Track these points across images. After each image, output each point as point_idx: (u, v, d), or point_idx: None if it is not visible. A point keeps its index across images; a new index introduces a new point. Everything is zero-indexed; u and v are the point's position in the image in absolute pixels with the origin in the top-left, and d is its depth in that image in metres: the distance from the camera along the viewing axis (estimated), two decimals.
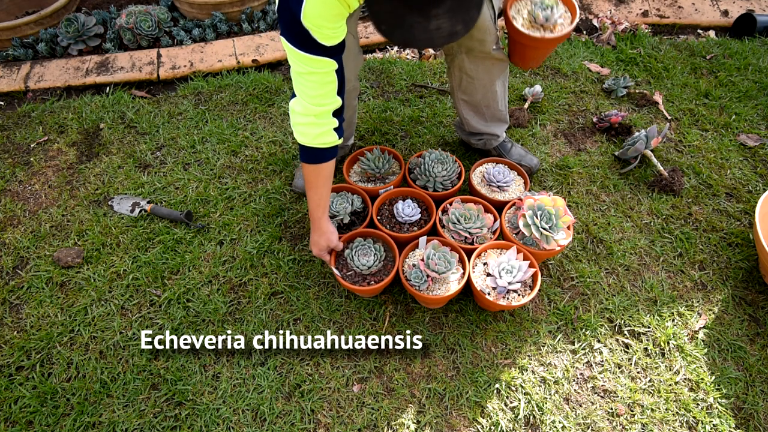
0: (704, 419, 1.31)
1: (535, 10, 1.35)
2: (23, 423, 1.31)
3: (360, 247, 1.43)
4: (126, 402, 1.34)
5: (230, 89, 2.20)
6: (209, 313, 1.50)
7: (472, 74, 1.54)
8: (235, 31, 2.50)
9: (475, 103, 1.65)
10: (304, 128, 1.20)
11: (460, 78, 1.57)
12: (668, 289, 1.56)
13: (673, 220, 1.73)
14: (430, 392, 1.36)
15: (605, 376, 1.39)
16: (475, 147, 1.86)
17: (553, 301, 1.53)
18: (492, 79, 1.56)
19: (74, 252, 1.63)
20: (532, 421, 1.31)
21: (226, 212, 1.75)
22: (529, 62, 1.53)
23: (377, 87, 2.22)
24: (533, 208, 1.40)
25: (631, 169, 1.85)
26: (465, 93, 1.62)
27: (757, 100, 2.12)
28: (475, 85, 1.57)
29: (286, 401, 1.34)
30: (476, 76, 1.54)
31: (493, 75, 1.55)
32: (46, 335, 1.46)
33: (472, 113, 1.69)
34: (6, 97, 2.24)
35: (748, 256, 1.63)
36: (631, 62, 2.32)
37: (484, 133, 1.75)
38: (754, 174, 1.86)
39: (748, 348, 1.43)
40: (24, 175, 1.90)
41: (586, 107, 2.12)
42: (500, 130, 1.76)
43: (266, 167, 1.89)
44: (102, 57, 2.34)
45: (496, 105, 1.65)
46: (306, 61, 1.08)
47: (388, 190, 1.59)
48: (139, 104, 2.15)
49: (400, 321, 1.48)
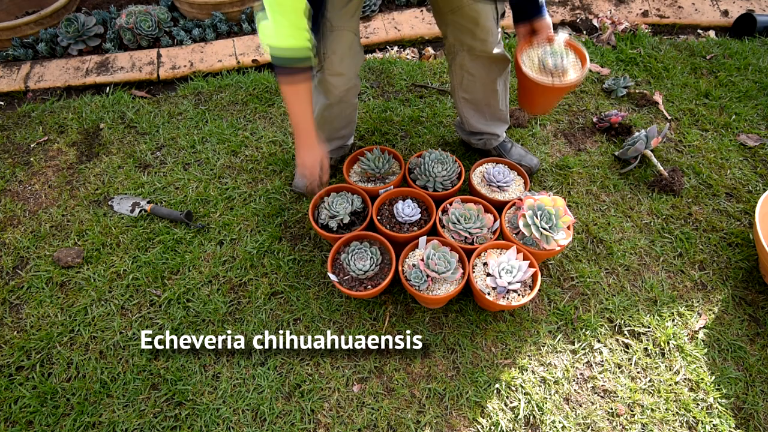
0: (704, 419, 1.31)
1: (545, 57, 1.36)
2: (23, 423, 1.31)
3: (356, 251, 1.42)
4: (126, 402, 1.34)
5: (230, 89, 2.20)
6: (209, 313, 1.50)
7: (474, 72, 1.54)
8: (235, 31, 2.50)
9: (476, 101, 1.64)
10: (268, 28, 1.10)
11: (462, 76, 1.57)
12: (668, 289, 1.56)
13: (673, 220, 1.73)
14: (430, 392, 1.36)
15: (605, 376, 1.39)
16: (475, 147, 1.86)
17: (553, 301, 1.53)
18: (493, 78, 1.56)
19: (74, 252, 1.63)
20: (532, 421, 1.31)
21: (226, 212, 1.75)
22: (538, 108, 1.54)
23: (377, 87, 2.22)
24: (533, 208, 1.40)
25: (631, 169, 1.85)
26: (466, 91, 1.62)
27: (757, 100, 2.12)
28: (476, 84, 1.57)
29: (286, 401, 1.34)
30: (477, 75, 1.54)
31: (494, 74, 1.55)
32: (46, 335, 1.46)
33: (472, 112, 1.69)
34: (6, 97, 2.24)
35: (748, 256, 1.63)
36: (631, 62, 2.32)
37: (485, 133, 1.75)
38: (754, 174, 1.86)
39: (748, 348, 1.43)
40: (24, 175, 1.90)
41: (586, 107, 2.12)
42: (501, 130, 1.76)
43: (266, 167, 1.89)
44: (102, 57, 2.35)
45: (496, 104, 1.65)
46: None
47: (388, 190, 1.59)
48: (139, 104, 2.15)
49: (400, 321, 1.48)
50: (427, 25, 2.49)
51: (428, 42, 2.51)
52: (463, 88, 1.61)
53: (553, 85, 1.33)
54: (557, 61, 1.34)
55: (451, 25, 1.44)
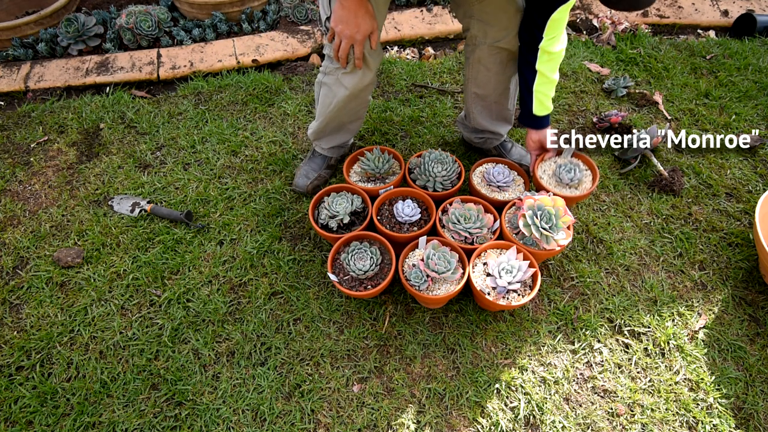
0: (704, 419, 1.31)
1: (559, 171, 1.57)
2: (23, 423, 1.31)
3: (356, 251, 1.42)
4: (126, 402, 1.34)
5: (230, 89, 2.20)
6: (209, 313, 1.50)
7: (491, 67, 1.54)
8: (235, 31, 2.50)
9: (486, 98, 1.64)
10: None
11: (477, 70, 1.57)
12: (668, 289, 1.56)
13: (673, 220, 1.73)
14: (430, 392, 1.36)
15: (605, 376, 1.39)
16: (475, 145, 1.86)
17: (553, 301, 1.53)
18: (508, 75, 1.57)
19: (74, 252, 1.63)
20: (532, 421, 1.31)
21: (226, 212, 1.75)
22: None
23: (377, 87, 2.22)
24: (533, 208, 1.40)
25: (631, 169, 1.85)
26: (479, 87, 1.62)
27: (757, 100, 2.12)
28: (490, 79, 1.57)
29: (286, 401, 1.34)
30: (494, 70, 1.54)
31: (510, 71, 1.56)
32: (46, 335, 1.46)
33: (481, 108, 1.69)
34: (6, 97, 2.24)
35: (748, 256, 1.63)
36: (631, 62, 2.32)
37: (488, 131, 1.75)
38: (754, 174, 1.86)
39: (748, 348, 1.43)
40: (24, 175, 1.90)
41: (586, 107, 2.12)
42: (504, 130, 1.77)
43: (266, 167, 1.89)
44: (102, 57, 2.35)
45: (506, 102, 1.66)
46: None
47: (388, 190, 1.59)
48: (139, 104, 2.15)
49: (400, 321, 1.48)
50: (427, 25, 2.49)
51: (428, 42, 2.51)
52: (477, 82, 1.61)
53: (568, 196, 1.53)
54: (571, 175, 1.55)
55: (477, 16, 1.44)
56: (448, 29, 2.48)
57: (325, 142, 1.74)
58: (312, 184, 1.76)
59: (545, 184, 1.56)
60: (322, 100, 1.55)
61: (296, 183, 1.78)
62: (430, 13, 2.55)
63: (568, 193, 1.56)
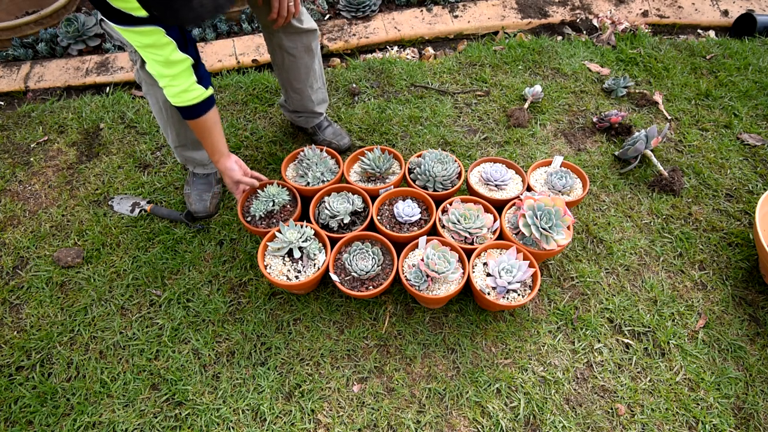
0: (704, 419, 1.31)
1: (551, 179, 1.62)
2: (23, 423, 1.31)
3: (358, 251, 1.42)
4: (126, 402, 1.34)
5: (230, 89, 2.20)
6: (209, 313, 1.50)
7: (293, 53, 1.61)
8: (235, 31, 2.50)
9: (299, 80, 1.71)
10: (167, 90, 1.26)
11: (282, 57, 1.64)
12: (668, 289, 1.56)
13: (673, 220, 1.73)
14: (430, 392, 1.36)
15: (605, 376, 1.39)
16: (296, 125, 1.96)
17: (553, 301, 1.53)
18: (312, 56, 1.65)
19: (74, 252, 1.63)
20: (532, 421, 1.31)
21: (226, 212, 1.75)
22: None
23: (377, 87, 2.22)
24: (533, 208, 1.40)
25: (631, 169, 1.85)
26: (288, 72, 1.69)
27: (757, 100, 2.12)
28: (297, 65, 1.65)
29: (286, 401, 1.34)
30: (297, 55, 1.62)
31: (313, 51, 1.63)
32: (46, 335, 1.46)
33: (296, 93, 1.76)
34: (6, 97, 2.24)
35: (748, 256, 1.63)
36: (631, 62, 2.32)
37: (306, 111, 1.85)
38: (754, 174, 1.86)
39: (748, 348, 1.43)
40: (24, 175, 1.90)
41: (586, 107, 2.12)
42: (322, 108, 1.87)
43: (266, 167, 1.89)
44: (102, 57, 2.35)
45: (316, 83, 1.76)
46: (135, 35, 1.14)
47: (389, 190, 1.59)
48: (139, 104, 2.15)
49: (400, 321, 1.48)
50: (427, 25, 2.49)
51: (428, 42, 2.51)
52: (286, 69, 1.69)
53: (566, 202, 1.53)
54: (565, 182, 1.59)
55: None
56: (448, 29, 2.48)
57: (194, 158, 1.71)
58: (211, 203, 1.73)
59: (539, 192, 1.60)
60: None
61: (195, 210, 1.70)
62: (430, 13, 2.55)
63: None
